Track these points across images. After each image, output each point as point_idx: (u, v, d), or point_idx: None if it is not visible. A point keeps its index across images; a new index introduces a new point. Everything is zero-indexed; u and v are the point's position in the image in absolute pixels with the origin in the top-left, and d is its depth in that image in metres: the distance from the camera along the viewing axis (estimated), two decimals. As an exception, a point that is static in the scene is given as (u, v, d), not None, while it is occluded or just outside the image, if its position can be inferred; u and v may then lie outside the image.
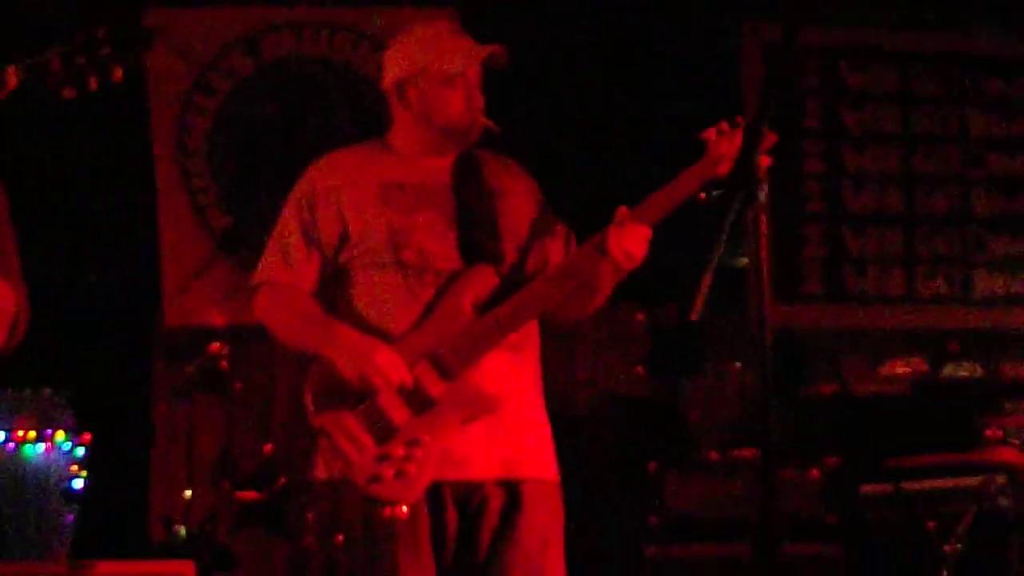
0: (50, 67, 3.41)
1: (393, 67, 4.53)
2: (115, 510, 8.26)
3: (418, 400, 4.28)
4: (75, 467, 10.72)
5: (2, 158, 3.72)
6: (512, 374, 4.47)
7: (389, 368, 4.24)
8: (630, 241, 4.20)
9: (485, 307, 4.36)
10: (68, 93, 3.43)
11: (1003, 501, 5.15)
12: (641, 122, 6.84)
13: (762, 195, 3.46)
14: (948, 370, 6.64)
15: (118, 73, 3.44)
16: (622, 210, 4.21)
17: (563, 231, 4.57)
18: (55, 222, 8.01)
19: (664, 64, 7.87)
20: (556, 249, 4.53)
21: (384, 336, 4.36)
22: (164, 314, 7.93)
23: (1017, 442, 5.19)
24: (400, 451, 4.27)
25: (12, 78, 3.38)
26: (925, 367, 6.65)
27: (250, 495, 6.44)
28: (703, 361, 7.11)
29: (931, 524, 5.17)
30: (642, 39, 7.70)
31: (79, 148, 7.71)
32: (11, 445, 12.13)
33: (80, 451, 10.43)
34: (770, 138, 3.92)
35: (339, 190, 4.48)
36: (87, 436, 9.83)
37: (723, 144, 4.20)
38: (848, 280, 8.46)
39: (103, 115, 7.26)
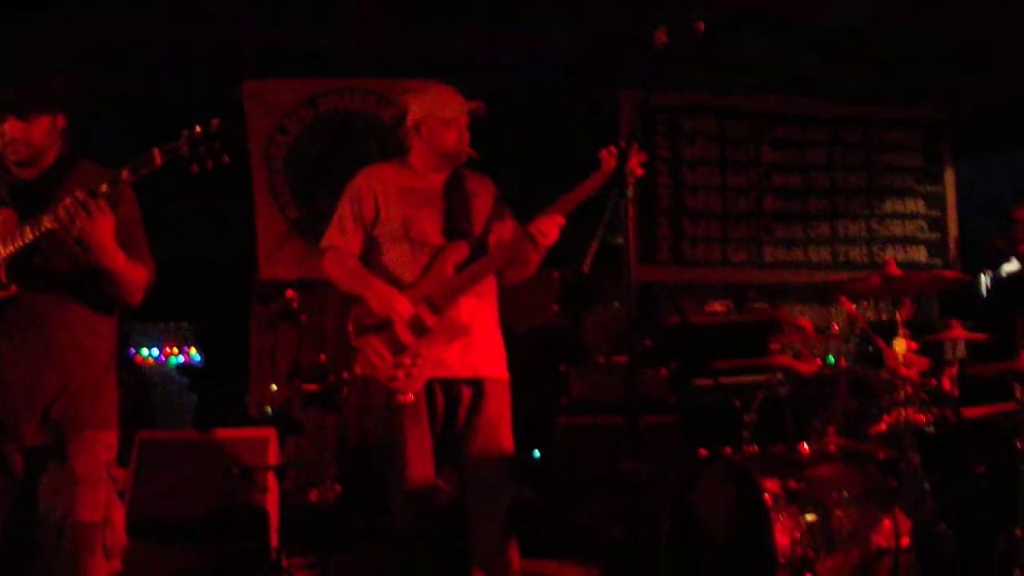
0: (181, 151, 3.47)
1: (413, 112, 4.61)
2: (225, 399, 8.31)
3: (419, 328, 4.39)
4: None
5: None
6: (478, 311, 4.58)
7: (402, 308, 4.37)
8: (545, 226, 4.31)
9: (461, 268, 4.47)
10: (194, 169, 3.51)
11: (781, 389, 5.18)
12: (559, 152, 6.90)
13: (631, 194, 3.63)
14: (748, 308, 6.71)
15: (226, 159, 3.53)
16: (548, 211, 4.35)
17: (513, 221, 4.67)
18: (195, 215, 8.08)
19: (572, 116, 7.92)
20: (507, 232, 4.63)
21: (399, 286, 4.47)
22: (259, 271, 7.96)
23: (790, 352, 5.24)
24: (408, 360, 4.37)
25: (157, 158, 3.47)
26: (734, 306, 6.72)
27: (311, 387, 6.46)
28: (596, 302, 7.15)
29: (736, 402, 5.24)
30: (557, 102, 7.75)
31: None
32: (162, 358, 12.29)
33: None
34: (642, 156, 4.09)
35: (375, 189, 4.61)
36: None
37: (611, 161, 4.31)
38: (686, 252, 8.53)
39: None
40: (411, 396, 4.39)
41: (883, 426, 4.71)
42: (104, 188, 3.51)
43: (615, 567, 5.24)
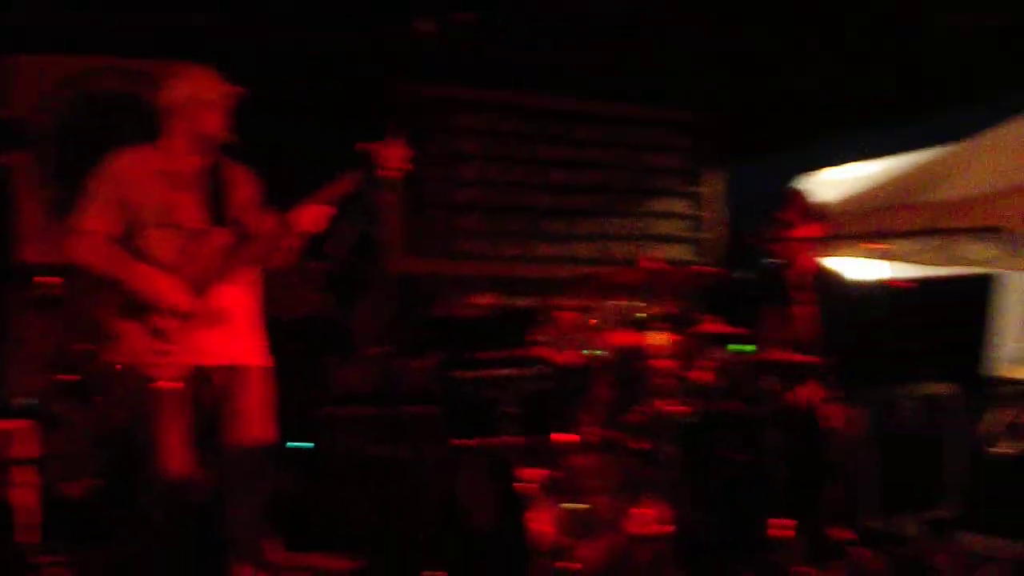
0: None
1: (175, 94, 4.52)
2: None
3: (179, 314, 4.30)
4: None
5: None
6: (240, 298, 4.55)
7: (162, 292, 4.27)
8: (309, 214, 4.31)
9: (222, 254, 4.41)
10: None
11: (542, 381, 5.26)
12: (328, 144, 6.86)
13: (393, 187, 3.63)
14: (516, 301, 6.77)
15: None
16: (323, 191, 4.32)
17: (271, 210, 4.63)
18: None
19: (342, 108, 7.86)
20: (269, 219, 4.58)
21: (159, 272, 4.39)
22: (18, 255, 7.67)
23: (551, 344, 5.31)
24: (166, 347, 4.28)
25: None
26: (502, 299, 6.77)
27: (72, 377, 6.28)
28: (365, 293, 7.12)
29: (498, 394, 5.28)
30: (327, 93, 7.66)
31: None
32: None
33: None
34: (408, 151, 4.11)
35: (129, 172, 4.48)
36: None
37: (382, 154, 4.31)
38: (455, 245, 8.59)
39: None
40: (170, 383, 4.31)
41: (641, 416, 4.82)
42: None
43: (382, 558, 5.23)
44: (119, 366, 4.41)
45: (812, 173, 9.85)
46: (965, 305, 4.73)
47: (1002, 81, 8.39)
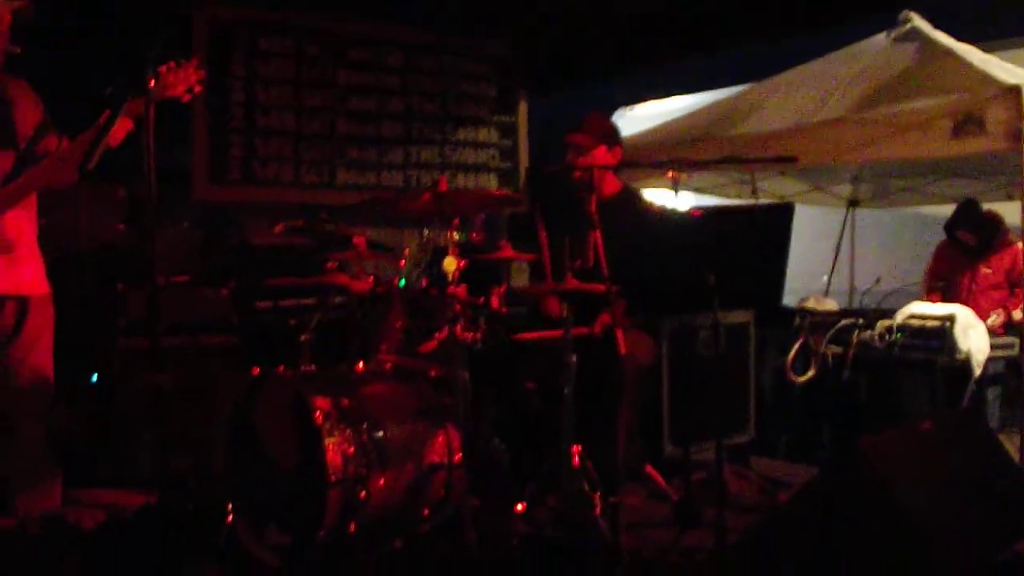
0: None
1: None
2: None
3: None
4: None
5: None
6: (23, 225, 4.35)
7: None
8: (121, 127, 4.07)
9: (5, 180, 4.22)
10: None
11: (337, 308, 5.22)
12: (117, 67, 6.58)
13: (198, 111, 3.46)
14: (312, 228, 6.62)
15: None
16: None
17: (56, 132, 4.44)
18: None
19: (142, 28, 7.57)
20: (53, 142, 4.39)
21: None
22: None
23: (346, 271, 5.22)
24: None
25: None
26: (300, 227, 6.63)
27: None
28: (165, 222, 6.88)
29: (293, 322, 5.23)
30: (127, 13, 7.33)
31: None
32: None
33: None
34: (200, 73, 3.96)
35: None
36: None
37: (171, 76, 4.13)
38: (257, 171, 8.40)
39: None
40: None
41: (435, 343, 4.79)
42: None
43: (175, 493, 5.11)
44: None
45: (618, 107, 9.95)
46: (770, 236, 4.80)
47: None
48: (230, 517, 4.45)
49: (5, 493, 4.42)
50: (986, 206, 7.81)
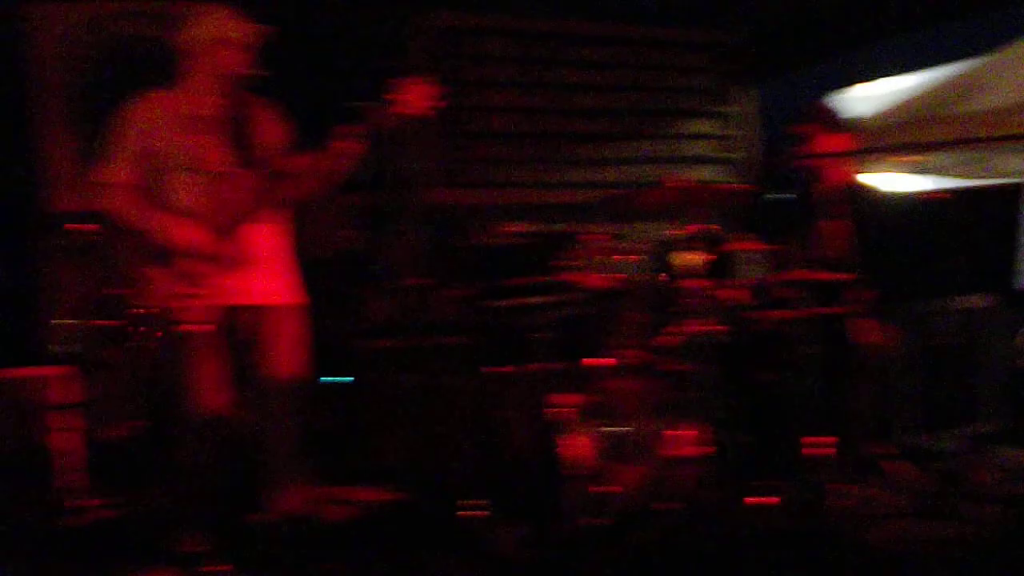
0: None
1: (195, 35, 4.48)
2: (18, 338, 8.05)
3: (208, 257, 4.29)
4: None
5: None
6: (269, 237, 4.52)
7: (190, 238, 4.26)
8: (346, 148, 4.26)
9: (250, 196, 4.38)
10: None
11: (574, 306, 5.23)
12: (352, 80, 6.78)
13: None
14: (545, 227, 6.69)
15: None
16: (343, 129, 4.25)
17: (298, 149, 4.60)
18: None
19: (367, 39, 7.78)
20: (297, 159, 4.56)
21: (183, 216, 4.37)
22: (49, 203, 7.71)
23: (582, 269, 5.24)
24: (197, 290, 4.28)
25: None
26: (531, 227, 6.70)
27: (111, 322, 6.30)
28: (396, 225, 7.06)
29: (531, 320, 5.27)
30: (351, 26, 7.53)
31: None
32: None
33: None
34: (436, 90, 4.06)
35: (149, 118, 4.45)
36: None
37: (412, 92, 4.25)
38: (489, 174, 8.54)
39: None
40: (201, 326, 4.32)
41: (674, 338, 4.79)
42: None
43: (422, 490, 5.25)
44: (150, 310, 4.43)
45: (845, 88, 9.72)
46: (1000, 217, 4.63)
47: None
48: (473, 511, 4.53)
49: (261, 491, 4.59)
50: None
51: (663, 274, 4.97)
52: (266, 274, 4.54)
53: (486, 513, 4.53)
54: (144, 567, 4.57)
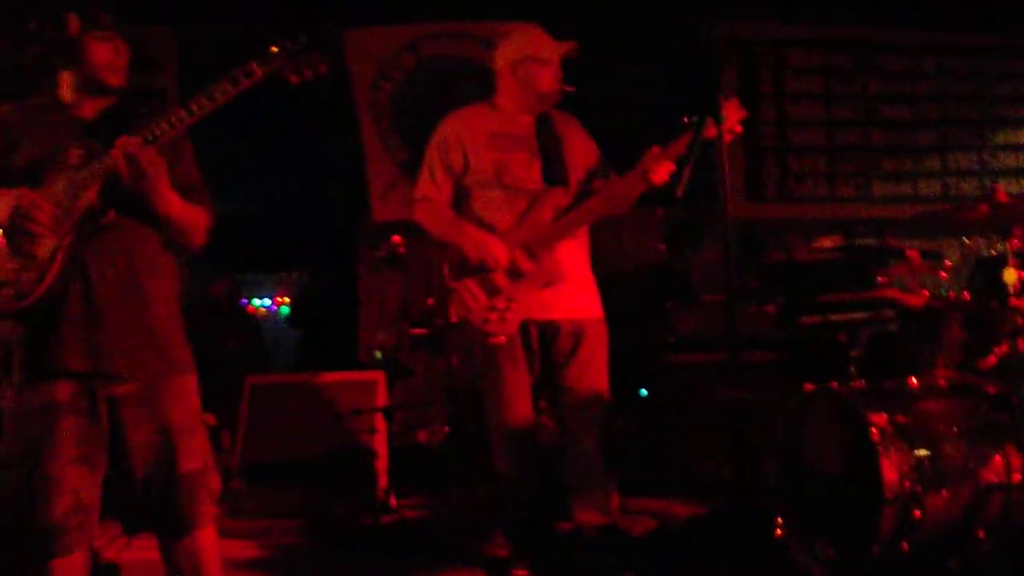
0: (278, 62, 3.27)
1: (506, 54, 4.57)
2: (334, 344, 8.40)
3: (514, 273, 4.35)
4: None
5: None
6: (573, 254, 4.55)
7: (498, 253, 4.33)
8: (663, 169, 4.23)
9: (559, 214, 4.43)
10: (293, 79, 3.29)
11: (889, 323, 5.08)
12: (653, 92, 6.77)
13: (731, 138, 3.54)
14: (857, 243, 6.52)
15: (323, 68, 3.32)
16: (656, 149, 4.24)
17: (605, 166, 4.63)
18: (298, 165, 8.13)
19: (667, 53, 7.76)
20: (604, 175, 4.59)
21: (492, 232, 4.45)
22: (370, 215, 8.02)
23: (898, 285, 5.10)
24: (502, 304, 4.37)
25: (257, 70, 3.26)
26: (841, 241, 6.55)
27: (419, 331, 6.49)
28: (701, 240, 7.05)
29: (843, 337, 5.14)
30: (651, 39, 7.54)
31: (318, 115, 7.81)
32: (273, 307, 12.52)
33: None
34: (741, 113, 4.01)
35: (462, 136, 4.56)
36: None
37: (727, 110, 4.20)
38: (792, 188, 8.41)
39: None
40: (502, 338, 4.40)
41: (994, 359, 4.56)
42: (162, 127, 3.24)
43: (721, 505, 5.18)
44: (459, 321, 4.54)
45: None
46: None
47: None
48: (780, 530, 4.44)
49: (565, 502, 4.62)
50: None
51: (987, 291, 4.73)
52: (570, 289, 4.59)
53: (792, 531, 4.42)
54: (447, 567, 4.67)
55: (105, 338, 3.29)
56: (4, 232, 3.24)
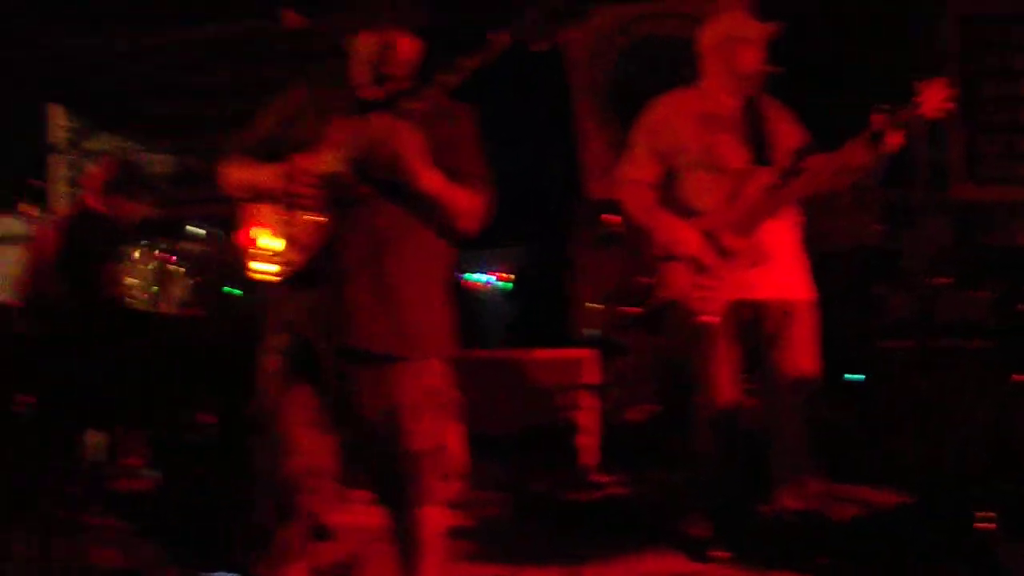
0: (526, 30, 3.32)
1: (711, 34, 4.59)
2: (548, 321, 8.50)
3: (722, 252, 4.37)
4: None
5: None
6: (782, 234, 4.55)
7: (689, 245, 4.36)
8: (895, 137, 4.16)
9: (767, 194, 4.43)
10: (536, 47, 3.33)
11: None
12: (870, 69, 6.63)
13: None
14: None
15: (561, 37, 3.40)
16: (882, 116, 4.22)
17: (811, 147, 4.60)
18: (526, 141, 8.23)
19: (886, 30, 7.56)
20: (812, 156, 4.56)
21: (699, 213, 4.48)
22: (586, 194, 8.09)
23: None
24: (711, 283, 4.38)
25: (506, 38, 3.31)
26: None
27: (633, 310, 6.54)
28: (915, 221, 6.88)
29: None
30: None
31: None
32: (491, 282, 12.66)
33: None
34: (951, 92, 3.95)
35: (670, 119, 4.59)
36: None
37: (927, 93, 4.16)
38: (1016, 169, 8.10)
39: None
40: (712, 318, 4.42)
41: None
42: (413, 104, 3.33)
43: (930, 495, 5.10)
44: (668, 300, 4.59)
45: None
46: None
47: None
48: (985, 522, 4.36)
49: (768, 483, 4.62)
50: None
51: None
52: (780, 269, 4.57)
53: (998, 524, 4.33)
54: (647, 545, 4.74)
55: (342, 312, 3.37)
56: (272, 201, 3.41)
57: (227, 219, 3.77)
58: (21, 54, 8.95)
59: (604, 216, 6.37)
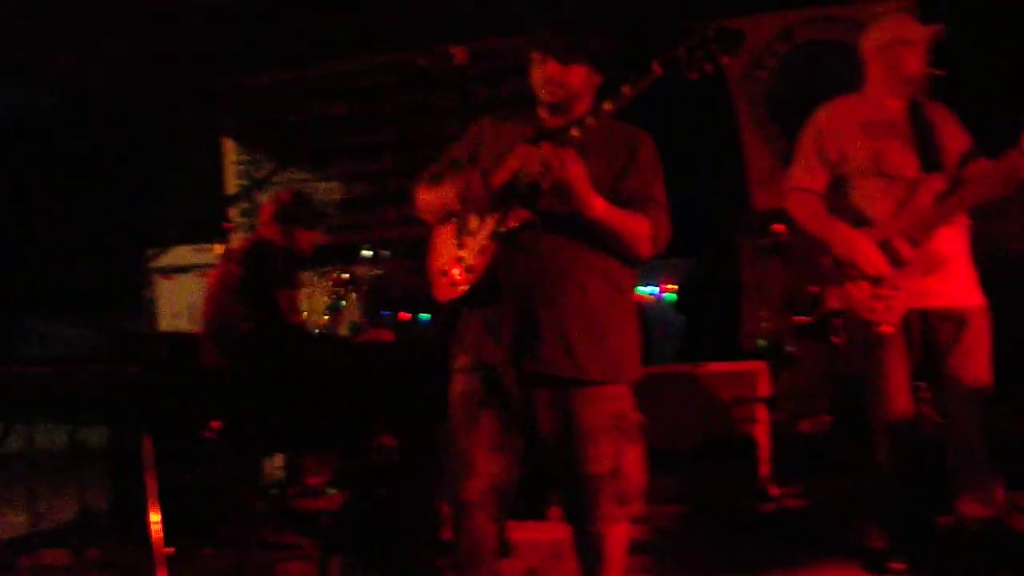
0: (680, 59, 3.39)
1: (874, 37, 4.55)
2: (717, 333, 8.47)
3: (897, 261, 4.33)
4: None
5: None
6: (954, 240, 4.47)
7: (868, 255, 4.32)
8: None
9: (939, 200, 4.37)
10: (692, 76, 3.40)
11: None
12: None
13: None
14: None
15: (724, 60, 3.44)
16: None
17: (977, 151, 4.52)
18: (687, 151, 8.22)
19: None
20: (978, 161, 4.49)
21: (871, 221, 4.44)
22: (751, 204, 8.07)
23: None
24: (885, 292, 4.33)
25: (657, 69, 3.38)
26: None
27: (804, 319, 6.49)
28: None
29: None
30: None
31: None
32: (659, 294, 12.64)
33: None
34: None
35: (836, 126, 4.57)
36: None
37: None
38: None
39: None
40: (890, 327, 4.38)
41: None
42: (573, 132, 3.43)
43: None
44: (841, 310, 4.56)
45: None
46: None
47: None
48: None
49: (946, 494, 4.53)
50: None
51: None
52: (953, 276, 4.49)
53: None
54: (823, 557, 4.71)
55: (516, 336, 3.48)
56: (455, 217, 3.59)
57: (395, 242, 3.91)
58: (199, 92, 9.32)
59: (772, 226, 6.32)
